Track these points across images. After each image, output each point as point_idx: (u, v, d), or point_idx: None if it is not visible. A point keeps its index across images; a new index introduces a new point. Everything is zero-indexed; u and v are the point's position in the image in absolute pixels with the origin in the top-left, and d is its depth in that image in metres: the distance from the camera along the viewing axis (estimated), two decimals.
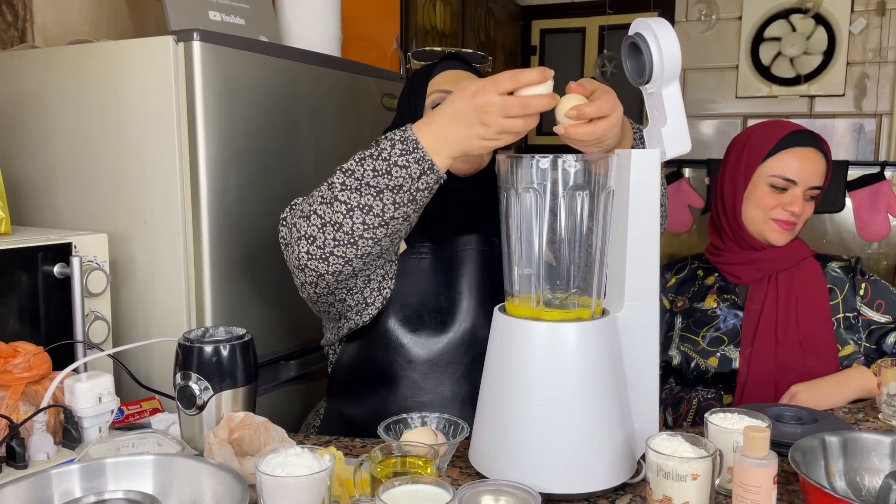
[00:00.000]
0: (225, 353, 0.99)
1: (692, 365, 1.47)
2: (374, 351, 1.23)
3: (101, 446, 0.99)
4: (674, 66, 0.95)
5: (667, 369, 1.53)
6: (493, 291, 1.22)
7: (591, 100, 0.97)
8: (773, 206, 1.44)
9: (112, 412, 1.05)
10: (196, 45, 1.32)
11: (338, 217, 1.02)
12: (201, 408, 0.98)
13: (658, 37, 0.94)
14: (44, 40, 1.77)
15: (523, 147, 3.83)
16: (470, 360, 1.22)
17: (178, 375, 0.99)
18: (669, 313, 1.54)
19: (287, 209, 1.13)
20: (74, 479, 0.84)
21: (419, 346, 1.22)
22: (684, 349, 1.48)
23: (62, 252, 1.24)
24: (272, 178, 1.49)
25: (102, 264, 1.30)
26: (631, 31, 0.98)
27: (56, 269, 1.23)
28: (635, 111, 0.97)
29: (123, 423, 1.15)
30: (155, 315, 1.40)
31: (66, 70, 1.45)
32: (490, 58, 1.36)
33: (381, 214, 1.01)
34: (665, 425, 1.50)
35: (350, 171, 1.02)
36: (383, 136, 1.03)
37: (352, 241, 1.03)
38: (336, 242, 1.03)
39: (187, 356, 0.99)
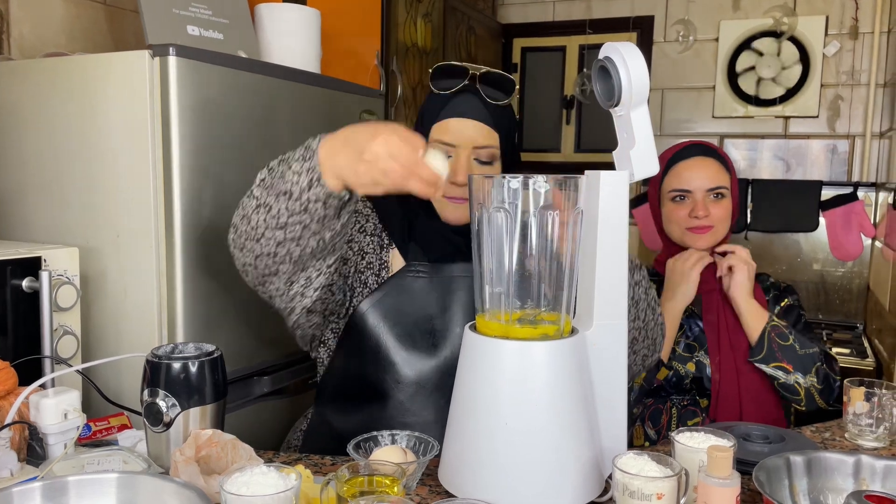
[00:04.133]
0: (193, 369, 0.99)
1: (671, 371, 1.51)
2: (365, 365, 1.23)
3: (66, 463, 0.97)
4: (642, 89, 0.96)
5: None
6: None
7: None
8: (681, 217, 1.55)
9: (78, 429, 1.04)
10: (172, 60, 1.32)
11: (249, 211, 1.05)
12: (168, 425, 0.98)
13: (627, 61, 0.95)
14: (20, 52, 1.76)
15: None
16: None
17: (146, 392, 0.99)
18: None
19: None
20: (36, 497, 0.83)
21: (408, 366, 1.21)
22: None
23: (32, 266, 1.23)
24: None
25: (73, 278, 1.29)
26: (600, 55, 0.99)
27: (25, 283, 1.22)
28: (609, 132, 0.97)
29: (90, 440, 1.13)
30: (126, 330, 1.39)
31: (41, 83, 1.44)
32: (517, 86, 1.25)
33: (276, 216, 1.01)
34: (647, 440, 1.51)
35: (271, 168, 1.04)
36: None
37: (256, 236, 1.04)
38: (246, 236, 1.06)
39: (155, 372, 0.98)
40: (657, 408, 1.53)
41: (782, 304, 1.62)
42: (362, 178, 0.97)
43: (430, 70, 1.24)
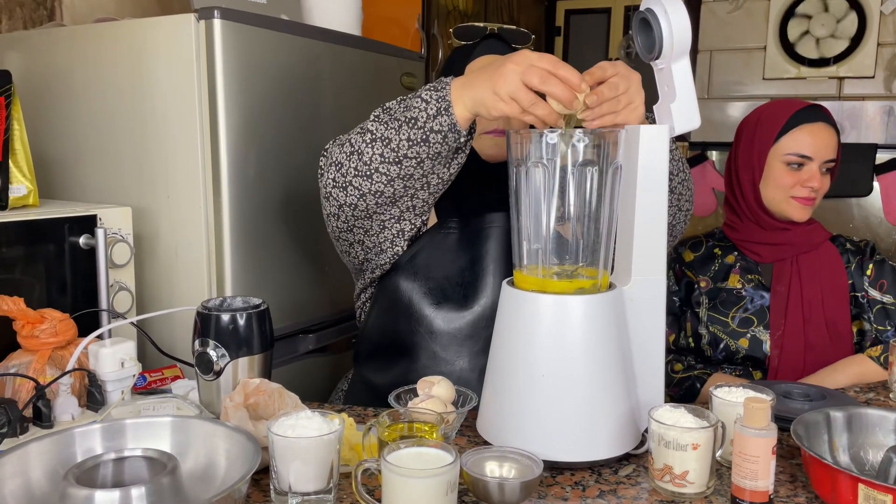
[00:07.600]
0: (242, 321, 1.02)
1: (721, 346, 1.47)
2: (398, 321, 1.27)
3: (123, 408, 1.03)
4: (683, 41, 0.95)
5: (687, 349, 1.53)
6: None
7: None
8: (791, 184, 1.45)
9: (134, 376, 1.10)
10: (217, 23, 1.34)
11: (362, 146, 1.07)
12: (218, 373, 1.02)
13: (668, 12, 0.94)
14: (72, 19, 1.81)
15: None
16: (489, 334, 1.23)
17: (197, 342, 1.03)
18: (697, 290, 1.53)
19: (331, 142, 1.17)
20: (96, 437, 0.88)
21: (441, 319, 1.25)
22: (714, 330, 1.48)
23: (88, 224, 1.28)
24: (291, 156, 1.52)
25: (126, 237, 1.34)
26: (642, 7, 0.98)
27: (82, 240, 1.27)
28: (652, 96, 0.96)
29: (145, 389, 1.19)
30: (178, 287, 1.44)
31: (92, 48, 1.49)
32: (533, 37, 1.35)
33: (396, 150, 1.05)
34: None
35: (387, 107, 1.08)
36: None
37: (368, 172, 1.07)
38: (356, 172, 1.08)
39: (205, 324, 1.02)
40: (706, 376, 1.50)
41: (871, 265, 1.49)
42: (494, 92, 0.97)
43: (452, 30, 1.33)
